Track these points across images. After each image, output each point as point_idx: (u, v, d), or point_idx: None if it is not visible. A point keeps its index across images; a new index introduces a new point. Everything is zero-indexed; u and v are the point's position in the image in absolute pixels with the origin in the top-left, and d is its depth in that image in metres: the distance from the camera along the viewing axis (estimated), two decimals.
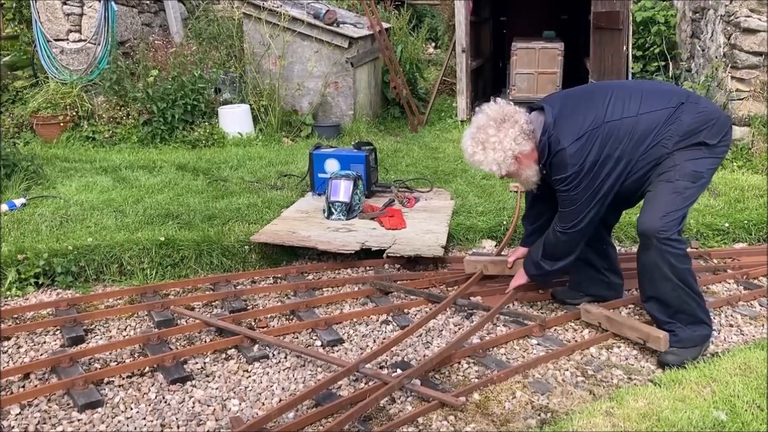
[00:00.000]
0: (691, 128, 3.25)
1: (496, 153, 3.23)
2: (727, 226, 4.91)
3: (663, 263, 3.22)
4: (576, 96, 3.51)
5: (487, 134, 3.24)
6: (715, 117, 3.31)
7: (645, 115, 3.26)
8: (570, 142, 3.21)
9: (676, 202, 3.22)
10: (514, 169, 3.32)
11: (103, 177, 6.04)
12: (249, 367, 3.39)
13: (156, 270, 4.42)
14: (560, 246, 3.49)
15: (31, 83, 7.98)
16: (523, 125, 3.26)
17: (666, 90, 3.50)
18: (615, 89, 3.40)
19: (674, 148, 3.25)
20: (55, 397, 3.12)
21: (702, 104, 3.36)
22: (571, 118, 3.28)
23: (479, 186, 5.81)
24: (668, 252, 3.20)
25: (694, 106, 3.30)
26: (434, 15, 12.59)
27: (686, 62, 7.69)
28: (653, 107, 3.28)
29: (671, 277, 3.23)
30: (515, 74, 8.63)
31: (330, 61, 7.78)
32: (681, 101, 3.30)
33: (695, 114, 3.27)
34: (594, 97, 3.38)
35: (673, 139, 3.25)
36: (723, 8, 6.52)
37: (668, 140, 3.25)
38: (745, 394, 2.79)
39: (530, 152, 3.30)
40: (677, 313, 3.33)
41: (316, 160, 5.51)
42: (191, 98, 7.36)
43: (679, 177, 3.23)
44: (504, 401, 3.05)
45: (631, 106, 3.28)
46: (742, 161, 6.17)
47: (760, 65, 6.24)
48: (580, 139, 3.21)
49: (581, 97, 3.45)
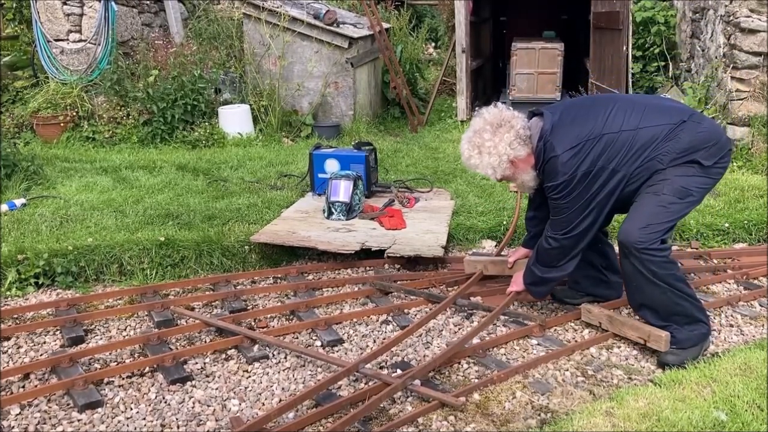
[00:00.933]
0: (689, 147, 3.23)
1: (491, 157, 3.26)
2: (727, 226, 4.91)
3: (645, 271, 3.22)
4: (578, 106, 3.53)
5: (482, 138, 3.27)
6: (715, 139, 3.28)
7: (644, 130, 3.24)
8: (563, 150, 3.21)
9: (659, 216, 3.21)
10: (509, 173, 3.35)
11: (103, 177, 6.04)
12: (249, 368, 3.39)
13: (156, 270, 4.42)
14: (551, 253, 3.47)
15: (32, 83, 7.98)
16: (520, 130, 3.28)
17: (669, 107, 3.46)
18: (618, 102, 3.40)
19: (669, 165, 3.24)
20: (55, 397, 3.12)
21: (704, 125, 3.32)
22: (569, 126, 3.28)
23: (479, 186, 5.81)
24: (648, 260, 3.20)
25: (695, 126, 3.27)
26: (434, 15, 12.59)
27: (686, 62, 7.69)
28: (653, 122, 3.26)
29: (657, 282, 3.23)
30: (515, 74, 8.62)
31: (330, 61, 7.78)
32: (683, 119, 3.27)
33: (695, 133, 3.25)
34: (595, 108, 3.37)
35: (669, 156, 3.23)
36: (723, 8, 6.52)
37: (664, 156, 3.24)
38: (745, 394, 2.79)
39: (526, 157, 3.31)
40: (672, 316, 3.32)
41: (316, 161, 5.51)
42: (191, 98, 7.36)
43: (667, 191, 3.22)
44: (504, 401, 3.04)
45: (631, 120, 3.27)
46: (742, 161, 6.17)
47: (760, 65, 6.24)
48: (574, 148, 3.21)
49: (582, 107, 3.47)
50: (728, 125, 6.38)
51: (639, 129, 3.24)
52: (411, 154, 6.96)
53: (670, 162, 3.23)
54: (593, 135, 3.22)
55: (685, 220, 4.99)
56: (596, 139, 3.22)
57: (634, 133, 3.23)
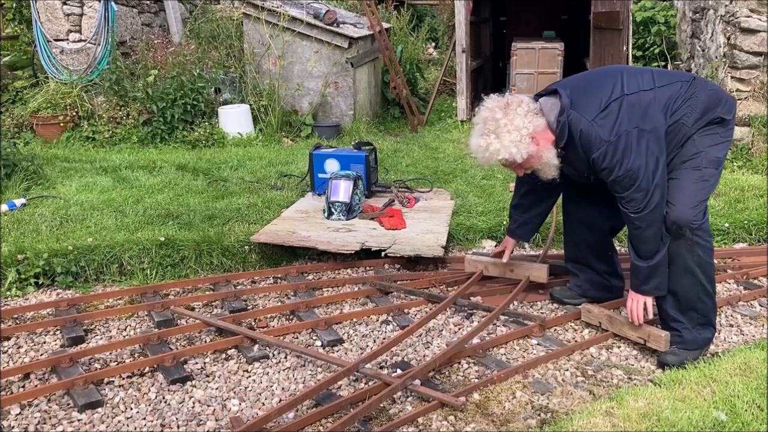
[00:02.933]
0: (707, 105, 3.18)
1: (511, 135, 3.06)
2: (727, 226, 4.91)
3: (691, 255, 3.16)
4: (585, 78, 3.45)
5: (496, 121, 3.09)
6: (724, 95, 3.29)
7: (661, 89, 3.16)
8: (593, 116, 3.07)
9: (703, 191, 3.16)
10: (534, 149, 3.12)
11: (103, 177, 6.04)
12: (249, 367, 3.39)
13: (156, 270, 4.42)
14: (647, 235, 3.14)
15: (31, 83, 7.98)
16: (530, 104, 3.14)
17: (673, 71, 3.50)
18: (624, 70, 3.33)
19: (694, 128, 3.17)
20: (55, 397, 3.12)
21: (710, 84, 3.34)
22: (586, 96, 3.15)
23: (479, 186, 5.81)
24: (698, 244, 3.15)
25: (704, 83, 3.27)
26: (434, 15, 12.59)
27: (686, 62, 7.69)
28: (666, 81, 3.21)
29: (695, 270, 3.18)
30: (515, 74, 8.63)
31: (330, 61, 7.78)
32: (693, 77, 3.28)
33: (707, 90, 3.22)
34: (606, 77, 3.27)
35: (693, 116, 3.16)
36: (723, 8, 6.52)
37: (688, 117, 3.16)
38: (745, 394, 2.79)
39: (544, 131, 3.14)
40: (689, 311, 3.27)
41: (316, 160, 5.51)
42: (191, 98, 7.36)
43: (706, 164, 3.16)
44: (504, 401, 3.04)
45: (645, 81, 3.18)
46: (742, 161, 6.17)
47: (760, 65, 6.24)
48: (603, 111, 3.06)
49: (591, 79, 3.38)
50: None
51: (657, 88, 3.15)
52: (411, 154, 6.96)
53: (694, 123, 3.16)
54: (614, 97, 3.10)
55: None
56: (619, 101, 3.08)
57: (654, 93, 3.14)
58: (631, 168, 3.04)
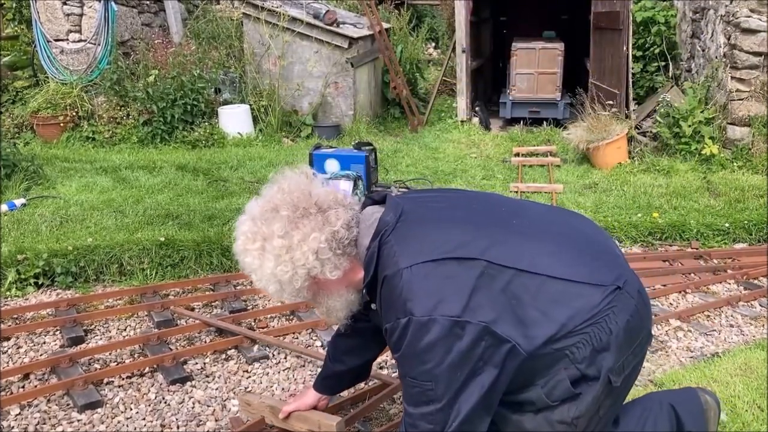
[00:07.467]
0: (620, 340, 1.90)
1: (278, 265, 1.93)
2: (728, 226, 4.91)
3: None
4: (434, 199, 2.16)
5: (271, 230, 1.94)
6: (647, 328, 2.03)
7: (554, 283, 1.87)
8: (412, 263, 1.85)
9: None
10: (308, 295, 2.04)
11: (103, 177, 6.04)
12: (249, 368, 3.38)
13: (156, 270, 4.41)
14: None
15: (31, 83, 7.98)
16: (340, 229, 1.95)
17: (590, 242, 2.04)
18: (502, 208, 2.10)
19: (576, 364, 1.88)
20: (54, 397, 3.12)
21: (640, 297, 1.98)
22: (421, 226, 1.96)
23: (479, 187, 5.81)
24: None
25: (627, 300, 1.93)
26: (434, 15, 12.60)
27: (686, 62, 7.70)
28: (572, 273, 1.90)
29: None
30: (515, 74, 8.62)
31: (330, 62, 7.78)
32: (618, 283, 1.92)
33: (627, 316, 1.92)
34: (464, 210, 2.07)
35: (584, 351, 1.87)
36: (723, 8, 6.52)
37: (579, 348, 1.87)
38: (746, 394, 2.79)
39: (342, 276, 1.99)
40: None
41: (316, 160, 5.51)
42: (191, 98, 7.36)
43: None
44: None
45: (534, 253, 1.92)
46: (742, 161, 6.17)
47: (760, 65, 6.24)
48: (429, 264, 1.85)
49: (443, 203, 2.12)
50: (728, 125, 6.39)
51: (547, 278, 1.87)
52: (411, 154, 6.96)
53: (581, 360, 1.88)
54: (465, 254, 1.86)
55: (685, 220, 4.99)
56: (469, 263, 1.85)
57: (539, 282, 1.87)
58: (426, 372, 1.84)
